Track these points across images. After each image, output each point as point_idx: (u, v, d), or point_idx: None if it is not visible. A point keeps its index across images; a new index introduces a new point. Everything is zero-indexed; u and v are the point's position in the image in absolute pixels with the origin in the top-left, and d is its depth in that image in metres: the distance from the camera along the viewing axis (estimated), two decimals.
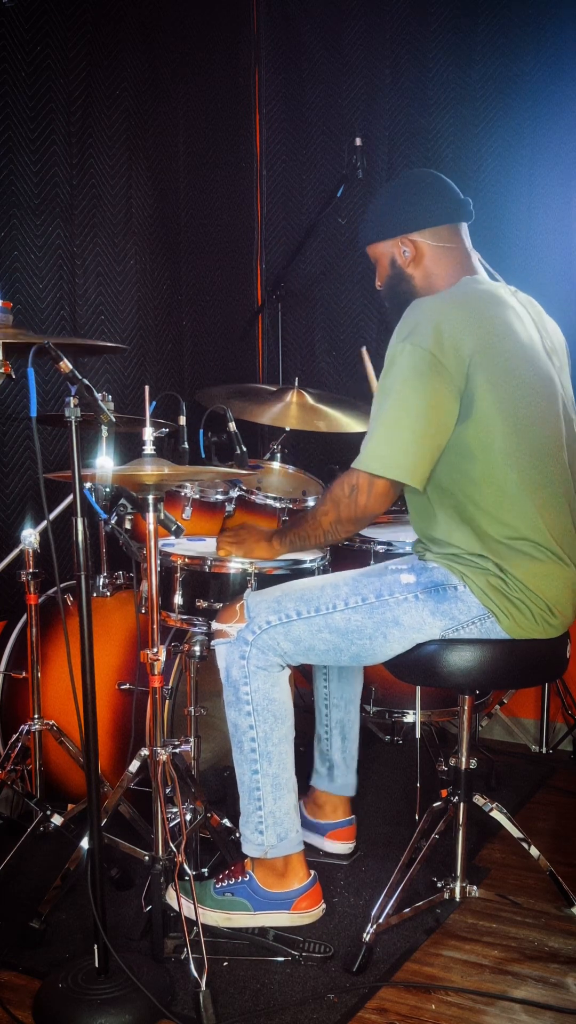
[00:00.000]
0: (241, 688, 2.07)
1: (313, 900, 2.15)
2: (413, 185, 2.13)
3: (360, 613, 2.02)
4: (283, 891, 2.12)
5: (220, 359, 3.59)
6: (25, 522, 2.72)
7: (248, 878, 2.13)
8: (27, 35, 2.71)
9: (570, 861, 2.46)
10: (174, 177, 3.33)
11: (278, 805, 2.10)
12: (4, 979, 1.98)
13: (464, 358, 1.89)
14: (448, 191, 2.12)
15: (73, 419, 1.76)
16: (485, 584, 1.96)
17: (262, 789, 2.09)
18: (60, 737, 2.39)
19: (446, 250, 2.09)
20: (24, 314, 2.78)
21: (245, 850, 2.14)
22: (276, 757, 2.09)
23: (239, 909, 2.12)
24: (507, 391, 1.93)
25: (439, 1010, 1.90)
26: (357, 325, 3.58)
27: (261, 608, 2.07)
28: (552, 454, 2.00)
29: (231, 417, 2.48)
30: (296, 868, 2.14)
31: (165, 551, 2.31)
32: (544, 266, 3.14)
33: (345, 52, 3.47)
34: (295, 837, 2.12)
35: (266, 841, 2.10)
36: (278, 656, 2.06)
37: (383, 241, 2.13)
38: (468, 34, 3.22)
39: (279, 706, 2.08)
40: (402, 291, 2.12)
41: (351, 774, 2.50)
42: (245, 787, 2.11)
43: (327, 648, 2.05)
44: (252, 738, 2.08)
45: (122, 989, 1.82)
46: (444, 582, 1.99)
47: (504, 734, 3.36)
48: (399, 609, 2.00)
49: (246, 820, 2.13)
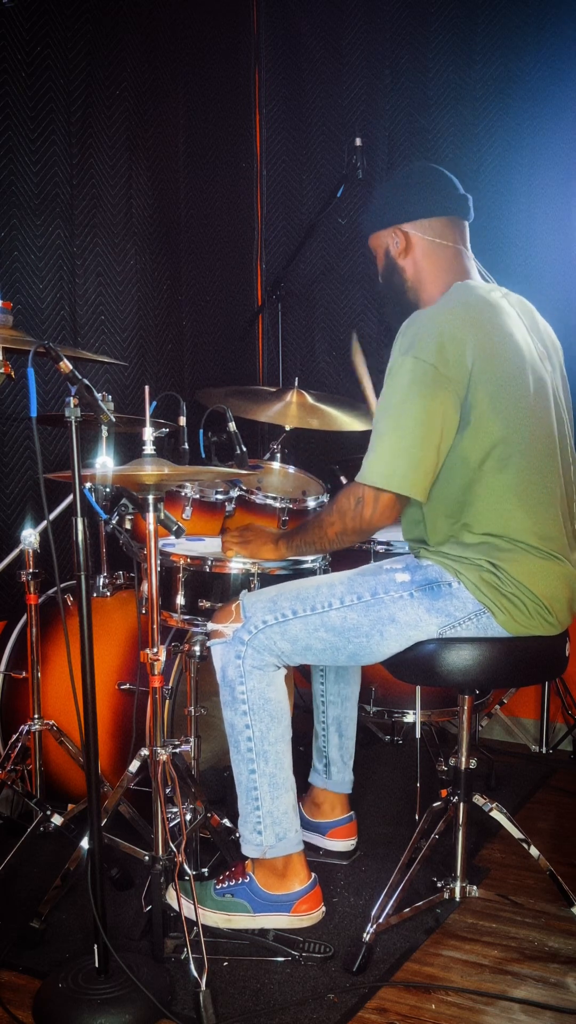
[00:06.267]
0: (237, 688, 2.07)
1: (313, 903, 2.15)
2: (409, 177, 2.15)
3: (356, 611, 2.02)
4: (283, 893, 2.12)
5: (220, 359, 3.59)
6: (25, 522, 2.72)
7: (248, 880, 2.13)
8: (27, 35, 2.71)
9: (570, 861, 2.46)
10: (174, 177, 3.33)
11: (276, 805, 2.10)
12: (4, 979, 1.98)
13: (466, 369, 1.90)
14: (443, 185, 2.12)
15: (73, 419, 1.76)
16: (479, 580, 1.97)
17: (259, 789, 2.09)
18: (60, 737, 2.39)
19: (437, 246, 2.09)
20: (24, 314, 2.78)
21: (244, 851, 2.14)
22: (273, 756, 2.09)
23: (239, 911, 2.12)
24: (503, 397, 1.94)
25: (439, 1010, 1.90)
26: (357, 325, 3.58)
27: (257, 608, 2.07)
28: (546, 455, 2.01)
29: (231, 417, 2.48)
30: (297, 869, 2.13)
31: (166, 551, 2.31)
32: (544, 266, 3.14)
33: (345, 52, 3.47)
34: (294, 837, 2.12)
35: (265, 841, 2.10)
36: (275, 656, 2.06)
37: (378, 232, 2.15)
38: (468, 34, 3.22)
39: (275, 706, 2.09)
40: (395, 283, 2.14)
41: (348, 771, 2.50)
42: (243, 787, 2.11)
43: (324, 647, 2.05)
44: (248, 737, 2.08)
45: (122, 989, 1.82)
46: (438, 579, 2.00)
47: (504, 734, 3.36)
48: (395, 607, 2.00)
49: (244, 820, 2.13)
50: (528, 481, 1.97)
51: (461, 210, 2.12)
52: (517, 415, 1.96)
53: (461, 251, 2.12)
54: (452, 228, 2.11)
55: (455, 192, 2.12)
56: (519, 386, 1.98)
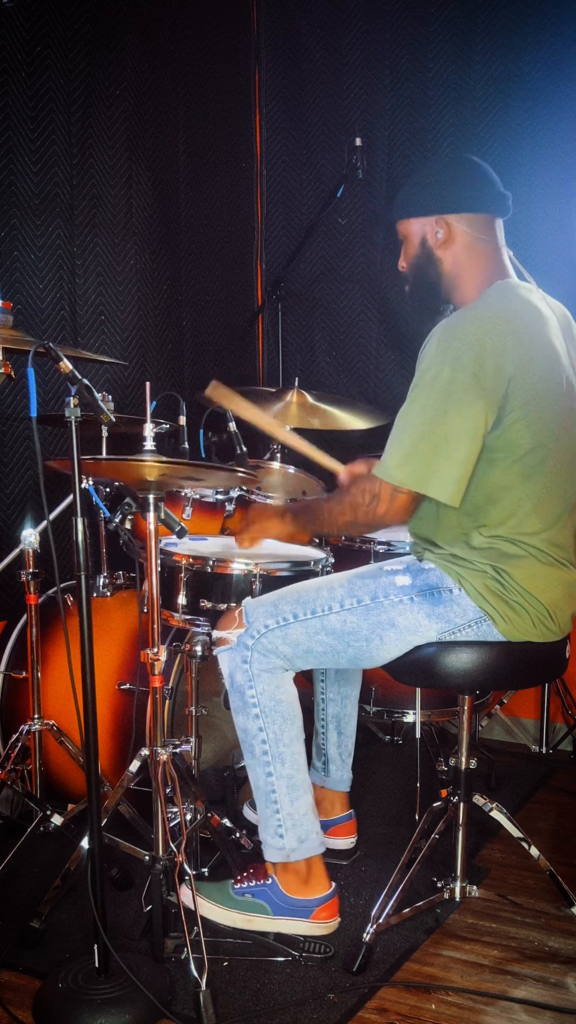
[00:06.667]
0: (247, 692, 2.06)
1: (332, 912, 2.12)
2: (457, 167, 2.08)
3: (355, 615, 2.01)
4: (306, 898, 2.09)
5: (220, 359, 3.59)
6: (25, 522, 2.72)
7: (270, 881, 2.10)
8: (27, 35, 2.71)
9: (570, 861, 2.46)
10: (174, 177, 3.33)
11: (296, 807, 2.07)
12: (4, 979, 1.98)
13: (505, 379, 1.86)
14: (490, 181, 2.06)
15: (73, 419, 1.75)
16: (482, 586, 1.96)
17: (278, 791, 2.06)
18: (60, 737, 2.39)
19: (480, 241, 2.03)
20: (24, 314, 2.78)
21: (267, 856, 2.11)
22: (288, 758, 2.07)
23: (258, 912, 2.09)
24: (536, 408, 1.90)
25: (439, 1010, 1.90)
26: (357, 325, 3.58)
27: (259, 612, 2.06)
28: (569, 465, 1.99)
29: (231, 417, 2.48)
30: (319, 875, 2.11)
31: (168, 551, 2.31)
32: (543, 266, 3.12)
33: (345, 52, 3.46)
34: (316, 839, 2.10)
35: (287, 844, 2.07)
36: (280, 659, 2.06)
37: (417, 218, 2.06)
38: (468, 34, 3.21)
39: (286, 707, 2.07)
40: (428, 274, 2.06)
41: (347, 769, 2.49)
42: (261, 792, 2.09)
43: (325, 650, 2.05)
44: (263, 740, 2.06)
45: (122, 989, 1.81)
46: (439, 585, 1.99)
47: (504, 734, 3.36)
48: (394, 611, 1.99)
49: (265, 825, 2.10)
50: (549, 490, 1.95)
51: (501, 208, 2.06)
52: (548, 425, 1.92)
53: (500, 249, 2.06)
54: (492, 226, 2.06)
55: (497, 189, 2.07)
56: (553, 395, 1.94)
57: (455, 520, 2.00)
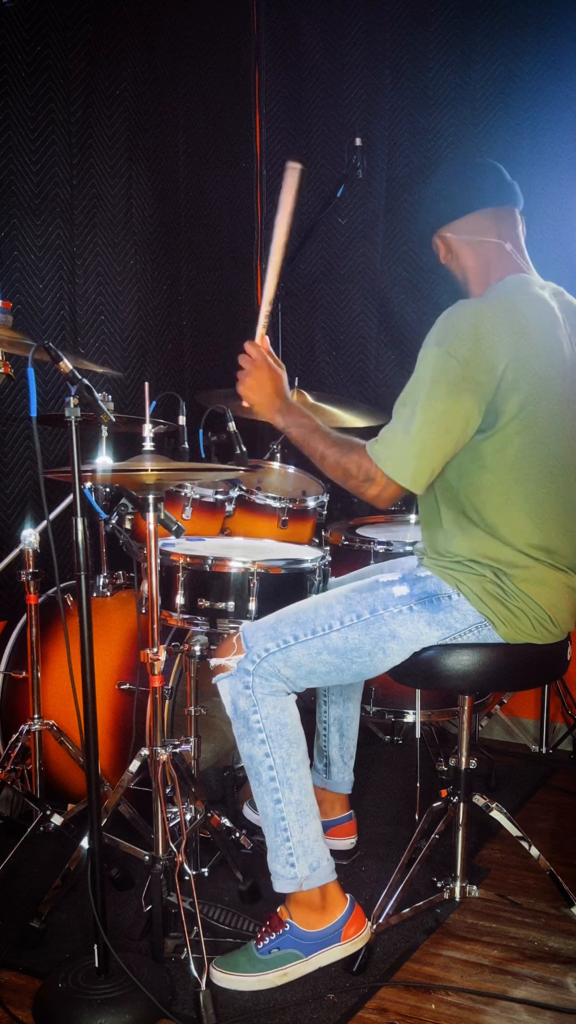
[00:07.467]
0: (251, 718, 2.00)
1: (359, 923, 2.05)
2: (445, 177, 2.10)
3: (356, 630, 1.98)
4: (328, 926, 2.01)
5: (220, 359, 3.59)
6: (25, 522, 2.72)
7: (288, 927, 2.01)
8: (27, 35, 2.71)
9: (570, 861, 2.46)
10: (174, 177, 3.33)
11: (305, 833, 2.01)
12: (4, 979, 1.98)
13: (497, 373, 1.84)
14: (473, 177, 2.06)
15: (73, 419, 1.75)
16: (481, 591, 1.95)
17: (287, 819, 2.00)
18: (60, 737, 2.39)
19: (476, 243, 2.03)
20: (24, 314, 2.78)
21: (278, 888, 2.04)
22: (296, 783, 2.01)
23: (292, 961, 2.00)
24: (533, 407, 1.88)
25: (439, 1010, 1.90)
26: (357, 325, 3.58)
27: (258, 636, 2.02)
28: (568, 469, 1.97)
29: (231, 417, 2.48)
30: (334, 897, 2.04)
31: (166, 550, 2.31)
32: (543, 267, 3.13)
33: (345, 52, 3.47)
34: (327, 866, 2.02)
35: (299, 873, 2.01)
36: (282, 682, 2.01)
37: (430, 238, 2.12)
38: (468, 34, 3.22)
39: (291, 730, 2.02)
40: (456, 282, 2.11)
41: (348, 771, 2.48)
42: (269, 820, 2.01)
43: (328, 669, 2.01)
44: (270, 766, 2.00)
45: (122, 989, 1.81)
46: (437, 592, 1.98)
47: (504, 734, 3.36)
48: (395, 622, 1.97)
49: (275, 855, 2.02)
50: (545, 495, 1.93)
51: (495, 199, 2.05)
52: (546, 427, 1.90)
53: (501, 244, 2.04)
54: (490, 220, 2.04)
55: (485, 183, 2.05)
56: (551, 396, 1.91)
57: (452, 516, 1.99)
